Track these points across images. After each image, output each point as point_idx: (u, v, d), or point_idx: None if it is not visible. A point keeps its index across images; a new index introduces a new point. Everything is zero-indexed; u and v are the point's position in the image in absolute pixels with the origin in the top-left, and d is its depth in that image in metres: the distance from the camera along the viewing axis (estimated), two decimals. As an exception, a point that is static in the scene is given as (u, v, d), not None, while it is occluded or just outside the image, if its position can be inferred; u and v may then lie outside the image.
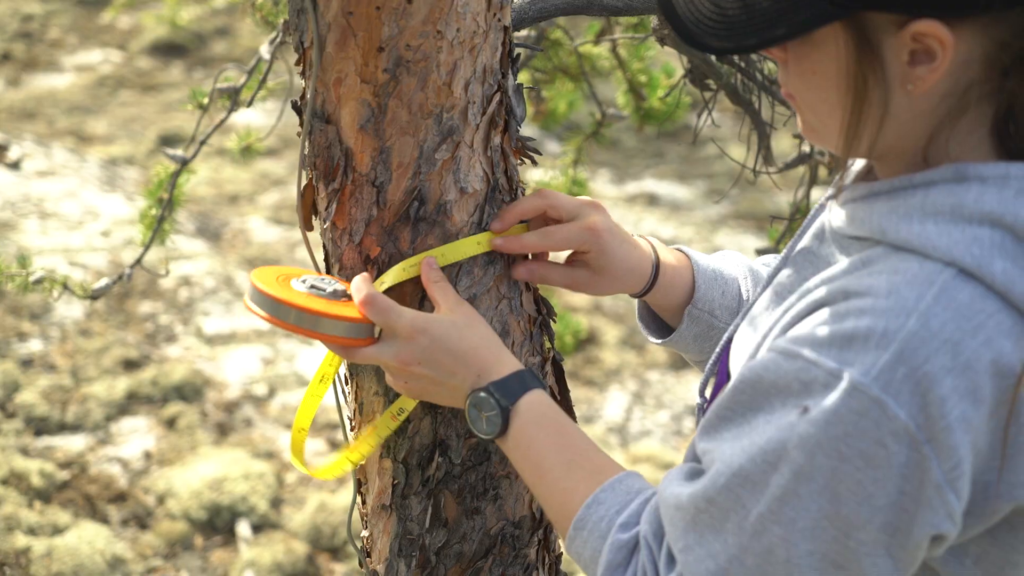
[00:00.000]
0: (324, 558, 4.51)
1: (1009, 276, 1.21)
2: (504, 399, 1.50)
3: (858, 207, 1.34)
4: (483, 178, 1.57)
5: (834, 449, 1.21)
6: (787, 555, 1.25)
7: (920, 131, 1.29)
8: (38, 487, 4.51)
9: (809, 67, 1.31)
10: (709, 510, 1.29)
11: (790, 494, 1.24)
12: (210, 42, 10.53)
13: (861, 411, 1.19)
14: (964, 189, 1.25)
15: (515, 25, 1.70)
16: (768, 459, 1.25)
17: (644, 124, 3.64)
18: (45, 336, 5.51)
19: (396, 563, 1.73)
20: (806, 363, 1.23)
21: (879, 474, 1.20)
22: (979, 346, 1.19)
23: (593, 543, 1.42)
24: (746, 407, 1.30)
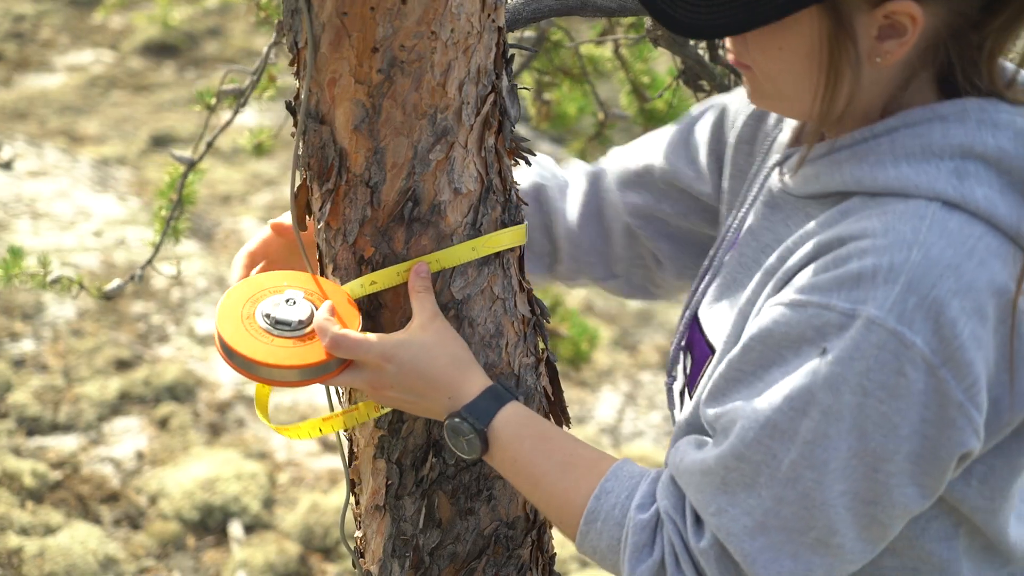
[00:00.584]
0: (316, 558, 4.50)
1: (990, 200, 1.29)
2: (478, 422, 1.50)
3: (820, 165, 1.40)
4: (477, 179, 1.57)
5: (858, 385, 1.25)
6: (823, 498, 1.29)
7: (881, 95, 1.37)
8: (30, 487, 4.50)
9: (776, 43, 1.35)
10: (740, 467, 1.32)
11: (821, 436, 1.27)
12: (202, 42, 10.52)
13: (880, 344, 1.24)
14: (928, 129, 1.32)
15: (509, 26, 1.71)
16: (795, 406, 1.28)
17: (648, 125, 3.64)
18: (37, 336, 5.50)
19: (390, 563, 1.73)
20: (817, 309, 1.28)
21: (901, 404, 1.25)
22: (976, 267, 1.26)
23: (610, 531, 1.43)
24: (757, 364, 1.34)
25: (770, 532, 1.31)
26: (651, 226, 1.82)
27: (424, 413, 1.56)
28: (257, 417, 5.24)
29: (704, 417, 1.41)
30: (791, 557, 1.31)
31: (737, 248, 1.55)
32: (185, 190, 2.99)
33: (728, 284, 1.54)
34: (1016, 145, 1.31)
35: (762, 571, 1.31)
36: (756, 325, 1.35)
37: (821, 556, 1.31)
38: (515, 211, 1.65)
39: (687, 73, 2.52)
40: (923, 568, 1.43)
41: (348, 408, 1.65)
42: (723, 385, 1.38)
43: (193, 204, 3.05)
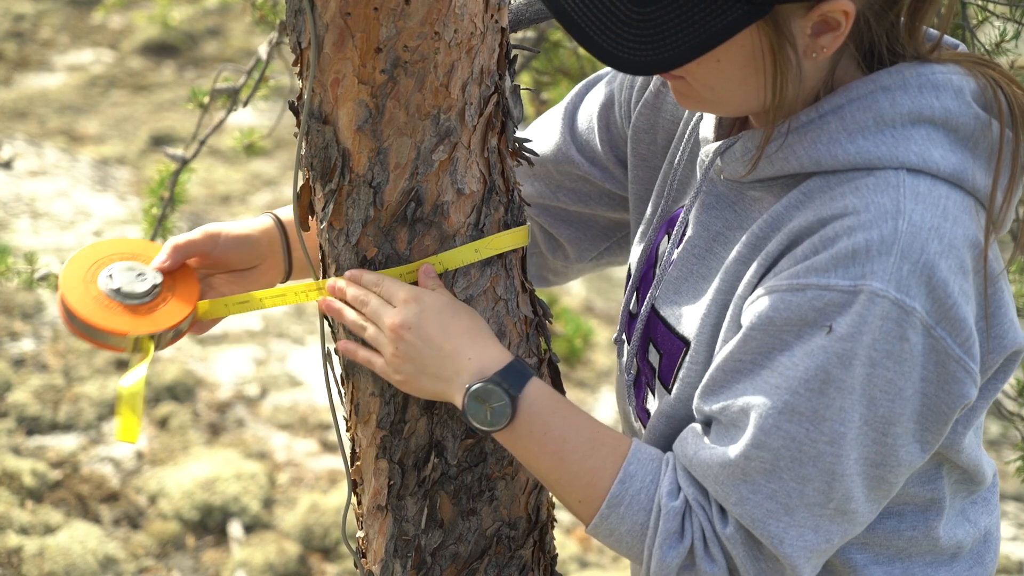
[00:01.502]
0: (316, 558, 4.50)
1: (948, 160, 1.34)
2: (512, 387, 1.48)
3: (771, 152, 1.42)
4: (480, 179, 1.58)
5: (867, 357, 1.30)
6: (842, 470, 1.33)
7: (816, 82, 1.40)
8: (30, 487, 4.50)
9: (713, 57, 1.36)
10: (760, 456, 1.34)
11: (837, 411, 1.32)
12: (202, 42, 10.51)
13: (884, 315, 1.29)
14: (873, 100, 1.37)
15: (512, 26, 1.71)
16: (812, 386, 1.32)
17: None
18: (37, 335, 5.50)
19: (392, 564, 1.73)
20: (817, 290, 1.31)
21: (905, 368, 1.31)
22: (952, 225, 1.32)
23: (633, 516, 1.43)
24: (757, 353, 1.36)
25: (794, 512, 1.35)
26: (548, 214, 1.82)
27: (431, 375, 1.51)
28: (257, 417, 5.25)
29: (702, 411, 1.43)
30: (813, 530, 1.35)
31: (686, 241, 1.56)
32: (177, 188, 2.99)
33: (685, 277, 1.55)
34: (958, 103, 1.37)
35: (789, 549, 1.35)
36: (753, 313, 1.37)
37: (838, 524, 1.36)
38: (518, 211, 1.65)
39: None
40: (906, 511, 1.48)
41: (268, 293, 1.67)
42: (722, 377, 1.40)
43: (184, 202, 3.04)
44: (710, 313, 1.47)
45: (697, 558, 1.39)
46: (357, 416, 1.70)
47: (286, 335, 5.94)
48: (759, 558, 1.37)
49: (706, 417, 1.43)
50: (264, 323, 6.03)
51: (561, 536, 4.77)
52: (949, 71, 1.39)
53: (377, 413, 1.66)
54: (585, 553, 4.74)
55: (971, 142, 1.37)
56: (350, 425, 1.74)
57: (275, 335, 5.93)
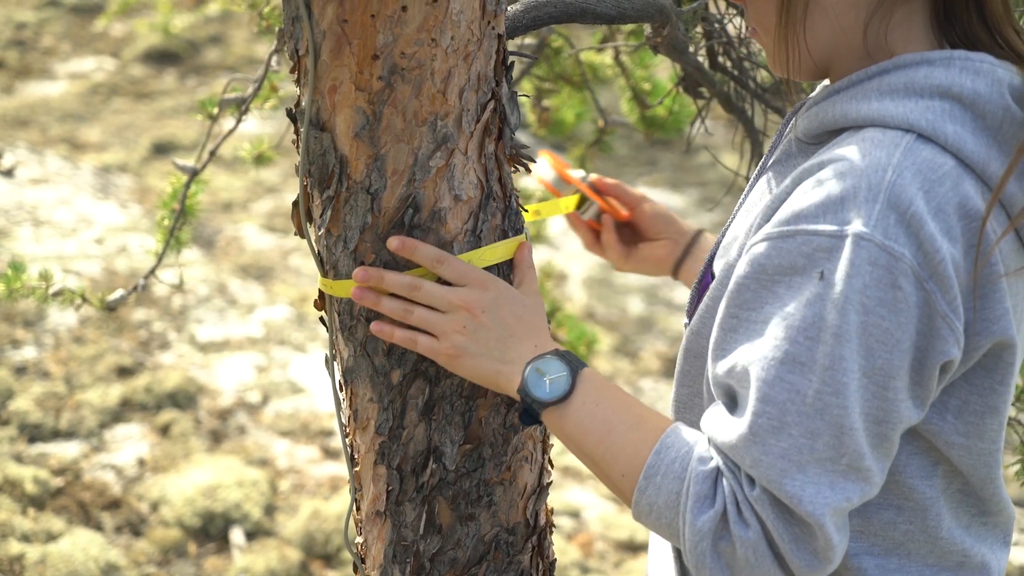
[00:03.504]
0: (318, 565, 4.50)
1: (959, 136, 1.36)
2: (573, 364, 1.52)
3: (821, 107, 1.47)
4: (477, 185, 1.58)
5: (860, 303, 1.30)
6: (849, 423, 1.32)
7: (855, 25, 1.44)
8: (32, 494, 4.50)
9: None
10: (767, 411, 1.33)
11: (837, 359, 1.31)
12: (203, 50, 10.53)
13: (872, 260, 1.29)
14: (914, 70, 1.40)
15: (509, 33, 1.71)
16: (809, 334, 1.31)
17: (649, 131, 3.65)
18: (39, 343, 5.51)
19: (391, 569, 1.73)
20: (806, 235, 1.32)
21: (901, 318, 1.31)
22: (946, 192, 1.33)
23: (669, 485, 1.42)
24: (752, 306, 1.36)
25: (807, 468, 1.33)
26: None
27: (491, 356, 1.55)
28: (258, 424, 5.25)
29: (715, 377, 1.43)
30: (829, 487, 1.33)
31: (754, 190, 1.60)
32: (188, 200, 3.00)
33: (739, 223, 1.57)
34: (991, 91, 1.38)
35: (808, 507, 1.32)
36: (745, 261, 1.38)
37: (854, 482, 1.34)
38: (515, 218, 1.65)
39: (686, 80, 2.53)
40: (906, 505, 1.47)
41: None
42: (722, 337, 1.40)
43: (195, 215, 3.05)
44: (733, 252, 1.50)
45: (731, 523, 1.36)
46: (356, 422, 1.70)
47: (287, 342, 5.94)
48: (791, 521, 1.34)
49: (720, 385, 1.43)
50: (265, 330, 6.03)
51: (562, 542, 4.77)
52: (1000, 64, 1.41)
53: (375, 419, 1.66)
54: (586, 559, 4.74)
55: (995, 132, 1.38)
56: (349, 431, 1.74)
57: (276, 342, 5.93)
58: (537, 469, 1.77)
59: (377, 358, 1.63)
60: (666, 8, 1.99)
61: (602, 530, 4.94)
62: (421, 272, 1.56)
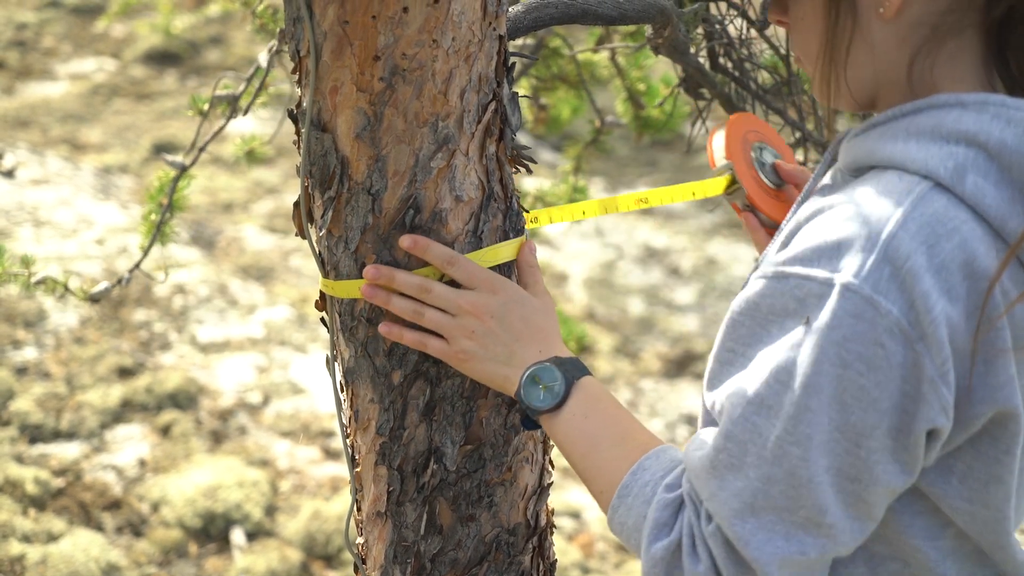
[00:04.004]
0: (318, 566, 4.50)
1: (979, 188, 1.28)
2: (570, 373, 1.52)
3: (856, 140, 1.41)
4: (478, 186, 1.58)
5: (836, 356, 1.24)
6: (808, 475, 1.27)
7: (900, 59, 1.38)
8: (33, 495, 4.50)
9: (797, 17, 1.40)
10: (727, 448, 1.31)
11: (803, 409, 1.26)
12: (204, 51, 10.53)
13: (856, 313, 1.23)
14: (944, 112, 1.33)
15: (510, 34, 1.71)
16: (780, 379, 1.27)
17: (643, 132, 3.65)
18: (40, 344, 5.51)
19: (391, 570, 1.73)
20: (799, 279, 1.28)
21: (880, 376, 1.24)
22: (953, 248, 1.26)
23: (638, 508, 1.41)
24: (746, 343, 1.33)
25: (760, 513, 1.29)
26: None
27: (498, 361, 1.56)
28: (259, 425, 5.25)
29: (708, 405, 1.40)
30: (783, 537, 1.29)
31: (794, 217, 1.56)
32: (176, 195, 3.00)
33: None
34: (1020, 142, 1.30)
35: (756, 552, 1.29)
36: (742, 297, 1.34)
37: (814, 536, 1.29)
38: (516, 219, 1.65)
39: (688, 81, 2.53)
40: (912, 563, 1.42)
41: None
42: (718, 369, 1.37)
43: (183, 209, 3.06)
44: None
45: (684, 555, 1.35)
46: (356, 423, 1.70)
47: (288, 343, 5.95)
48: (739, 564, 1.32)
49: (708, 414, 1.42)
50: (266, 331, 6.03)
51: (563, 542, 4.77)
52: None
53: (376, 420, 1.66)
54: (587, 559, 4.74)
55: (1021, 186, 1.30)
56: (350, 431, 1.74)
57: (277, 343, 5.93)
58: (538, 470, 1.77)
59: (378, 359, 1.63)
60: (667, 9, 1.99)
61: (603, 531, 4.94)
62: (429, 271, 1.57)
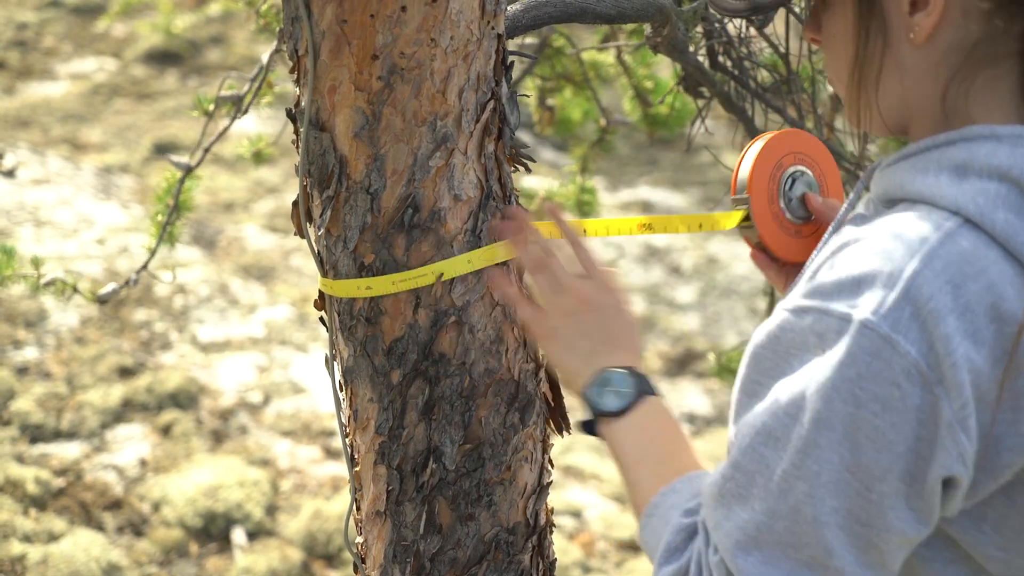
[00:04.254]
0: (319, 565, 4.50)
1: (1011, 226, 1.23)
2: (642, 384, 1.51)
3: (888, 171, 1.37)
4: (477, 185, 1.58)
5: (850, 393, 1.20)
6: (814, 513, 1.23)
7: (933, 87, 1.33)
8: (33, 494, 4.50)
9: (830, 34, 1.36)
10: (735, 477, 1.28)
11: (811, 445, 1.22)
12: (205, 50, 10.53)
13: (873, 351, 1.19)
14: (977, 145, 1.28)
15: (509, 33, 1.71)
16: (789, 411, 1.24)
17: (652, 130, 3.65)
18: (40, 343, 5.51)
19: (391, 569, 1.73)
20: (819, 314, 1.24)
21: (896, 418, 1.20)
22: (980, 290, 1.20)
23: (659, 529, 1.40)
24: (770, 375, 1.29)
25: (764, 547, 1.26)
26: None
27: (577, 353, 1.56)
28: (259, 424, 5.25)
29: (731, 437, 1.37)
30: (786, 573, 1.26)
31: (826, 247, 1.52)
32: (182, 196, 3.00)
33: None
34: None
35: None
36: (765, 330, 1.31)
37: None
38: (515, 218, 1.65)
39: (687, 80, 2.53)
40: None
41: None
42: (744, 401, 1.33)
43: (190, 210, 3.06)
44: None
45: None
46: (355, 422, 1.70)
47: (289, 342, 5.95)
48: None
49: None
50: (267, 330, 6.03)
51: (564, 542, 4.77)
52: None
53: (375, 419, 1.66)
54: (588, 558, 4.74)
55: None
56: (349, 431, 1.74)
57: (278, 342, 5.93)
58: (537, 469, 1.77)
59: (377, 358, 1.63)
60: (666, 8, 1.99)
61: (604, 530, 4.94)
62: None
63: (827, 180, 1.77)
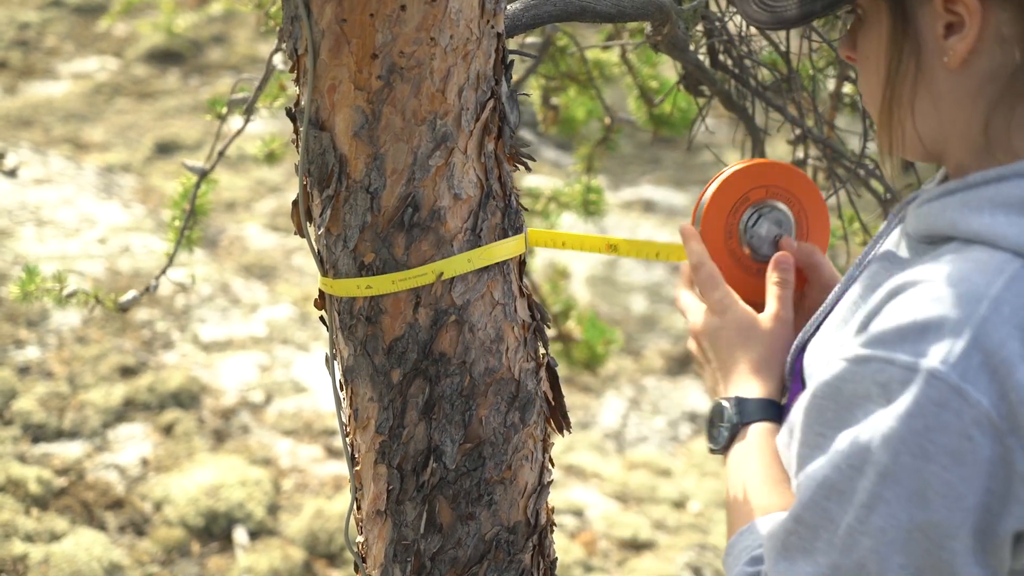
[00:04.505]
0: (321, 564, 4.51)
1: None
2: (742, 417, 1.51)
3: (932, 206, 1.32)
4: (477, 184, 1.58)
5: (918, 446, 1.16)
6: (879, 570, 1.19)
7: (970, 116, 1.30)
8: (35, 494, 4.51)
9: (864, 54, 1.34)
10: (798, 531, 1.25)
11: (877, 499, 1.18)
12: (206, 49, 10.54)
13: (941, 402, 1.15)
14: None
15: (509, 32, 1.71)
16: (853, 463, 1.20)
17: (657, 129, 3.65)
18: (42, 343, 5.51)
19: (391, 568, 1.73)
20: (881, 363, 1.20)
21: (966, 471, 1.15)
22: None
23: (731, 569, 1.40)
24: (833, 427, 1.25)
25: None
26: None
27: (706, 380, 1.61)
28: (261, 424, 5.25)
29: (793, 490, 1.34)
30: None
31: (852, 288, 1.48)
32: (198, 200, 3.01)
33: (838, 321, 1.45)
34: None
35: None
36: (822, 380, 1.26)
37: None
38: (515, 217, 1.65)
39: (688, 79, 2.53)
40: None
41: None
42: (807, 454, 1.29)
43: (206, 214, 3.06)
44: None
45: None
46: (356, 421, 1.70)
47: (291, 341, 5.95)
48: None
49: None
50: (268, 329, 6.03)
51: (566, 541, 4.77)
52: None
53: (376, 418, 1.66)
54: (590, 557, 4.74)
55: None
56: (349, 430, 1.74)
57: (279, 341, 5.93)
58: (538, 468, 1.77)
59: (377, 357, 1.63)
60: (666, 6, 1.99)
61: (605, 529, 4.94)
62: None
63: (808, 217, 1.68)
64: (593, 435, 5.80)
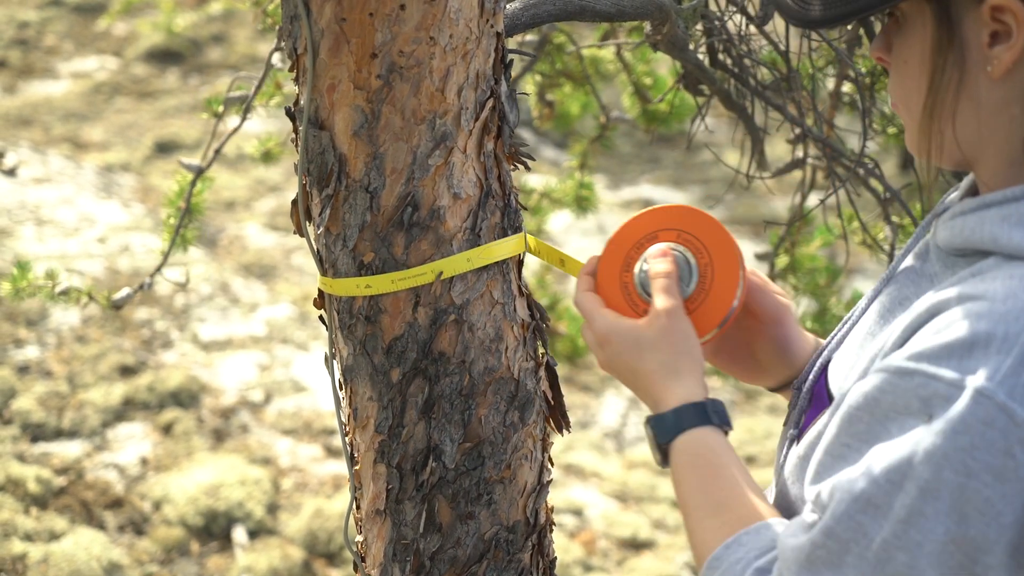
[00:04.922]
0: (320, 564, 4.51)
1: None
2: (659, 436, 1.46)
3: (968, 219, 1.31)
4: (476, 183, 1.58)
5: (961, 463, 1.15)
6: None
7: (1010, 126, 1.28)
8: (34, 493, 4.51)
9: (901, 58, 1.31)
10: (827, 544, 1.22)
11: (916, 515, 1.17)
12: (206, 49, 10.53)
13: (987, 420, 1.14)
14: None
15: (508, 31, 1.71)
16: (892, 478, 1.18)
17: (651, 127, 3.64)
18: (41, 342, 5.51)
19: (391, 568, 1.73)
20: (925, 378, 1.18)
21: (1008, 489, 1.14)
22: None
23: None
24: (863, 439, 1.24)
25: None
26: None
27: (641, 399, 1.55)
28: (261, 423, 5.25)
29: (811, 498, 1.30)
30: None
31: (878, 300, 1.46)
32: (194, 199, 3.00)
33: (864, 335, 1.44)
34: None
35: None
36: (860, 391, 1.25)
37: None
38: (514, 216, 1.65)
39: (687, 77, 2.53)
40: None
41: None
42: (829, 463, 1.28)
43: (202, 213, 3.05)
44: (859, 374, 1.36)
45: None
46: (355, 420, 1.70)
47: (290, 341, 5.95)
48: None
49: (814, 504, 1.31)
50: (268, 329, 6.03)
51: (565, 540, 4.77)
52: None
53: (375, 418, 1.66)
54: (589, 557, 4.74)
55: None
56: (349, 429, 1.74)
57: (279, 341, 5.93)
58: (537, 467, 1.77)
59: (376, 356, 1.63)
60: (665, 6, 1.99)
61: (605, 528, 4.94)
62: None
63: (714, 274, 1.57)
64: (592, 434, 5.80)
